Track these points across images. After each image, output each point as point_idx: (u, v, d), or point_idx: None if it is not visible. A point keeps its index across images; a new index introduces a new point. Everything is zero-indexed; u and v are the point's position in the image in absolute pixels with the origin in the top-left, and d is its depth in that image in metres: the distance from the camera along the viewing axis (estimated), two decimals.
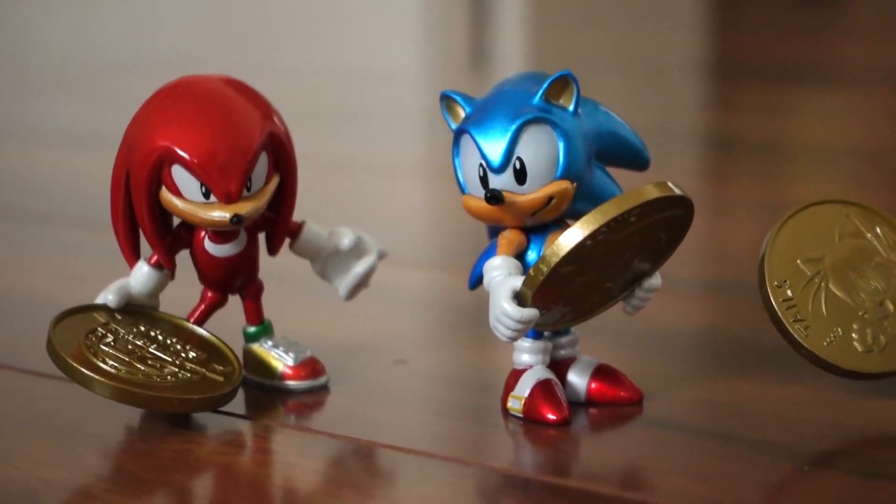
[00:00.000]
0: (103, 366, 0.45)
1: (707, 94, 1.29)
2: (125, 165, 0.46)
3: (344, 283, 0.50)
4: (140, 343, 0.46)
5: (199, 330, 0.48)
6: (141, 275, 0.47)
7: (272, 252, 0.49)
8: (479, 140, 0.44)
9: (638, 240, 0.43)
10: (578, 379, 0.46)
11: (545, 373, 0.45)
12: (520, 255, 0.44)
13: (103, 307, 0.47)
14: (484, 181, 0.44)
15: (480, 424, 0.45)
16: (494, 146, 0.44)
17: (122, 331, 0.47)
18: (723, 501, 0.39)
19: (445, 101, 0.46)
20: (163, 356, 0.46)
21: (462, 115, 0.45)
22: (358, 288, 0.50)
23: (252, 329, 0.49)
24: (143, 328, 0.47)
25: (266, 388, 0.48)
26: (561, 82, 0.44)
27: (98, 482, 0.42)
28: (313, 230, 0.49)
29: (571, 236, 0.42)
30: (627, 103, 1.13)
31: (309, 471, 0.42)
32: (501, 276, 0.43)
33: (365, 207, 0.80)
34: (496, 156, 0.43)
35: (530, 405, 0.44)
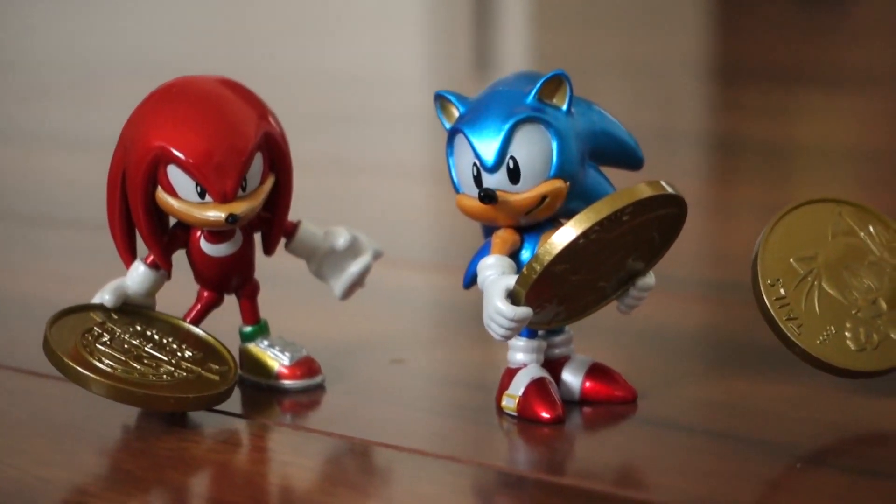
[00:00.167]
0: (100, 365, 0.45)
1: (710, 96, 1.29)
2: (121, 165, 0.46)
3: (339, 283, 0.50)
4: (136, 342, 0.46)
5: (196, 329, 0.48)
6: (137, 275, 0.48)
7: (268, 252, 0.49)
8: (473, 139, 0.44)
9: (631, 239, 0.43)
10: (572, 378, 0.46)
11: (539, 371, 0.45)
12: (514, 255, 0.44)
13: (100, 307, 0.47)
14: (478, 180, 0.44)
15: (475, 423, 0.45)
16: (488, 145, 0.44)
17: (119, 330, 0.47)
18: (717, 499, 0.39)
19: (439, 101, 0.46)
20: (159, 355, 0.46)
21: (456, 115, 0.45)
22: (353, 287, 0.50)
23: (248, 329, 0.49)
24: (140, 328, 0.47)
25: (262, 388, 0.48)
26: (554, 82, 0.44)
27: (95, 481, 0.42)
28: (309, 230, 0.49)
29: (564, 235, 0.42)
30: (631, 105, 1.13)
31: (305, 469, 0.42)
32: (495, 275, 0.43)
33: (367, 209, 0.80)
34: (490, 155, 0.44)
35: (524, 404, 0.45)
